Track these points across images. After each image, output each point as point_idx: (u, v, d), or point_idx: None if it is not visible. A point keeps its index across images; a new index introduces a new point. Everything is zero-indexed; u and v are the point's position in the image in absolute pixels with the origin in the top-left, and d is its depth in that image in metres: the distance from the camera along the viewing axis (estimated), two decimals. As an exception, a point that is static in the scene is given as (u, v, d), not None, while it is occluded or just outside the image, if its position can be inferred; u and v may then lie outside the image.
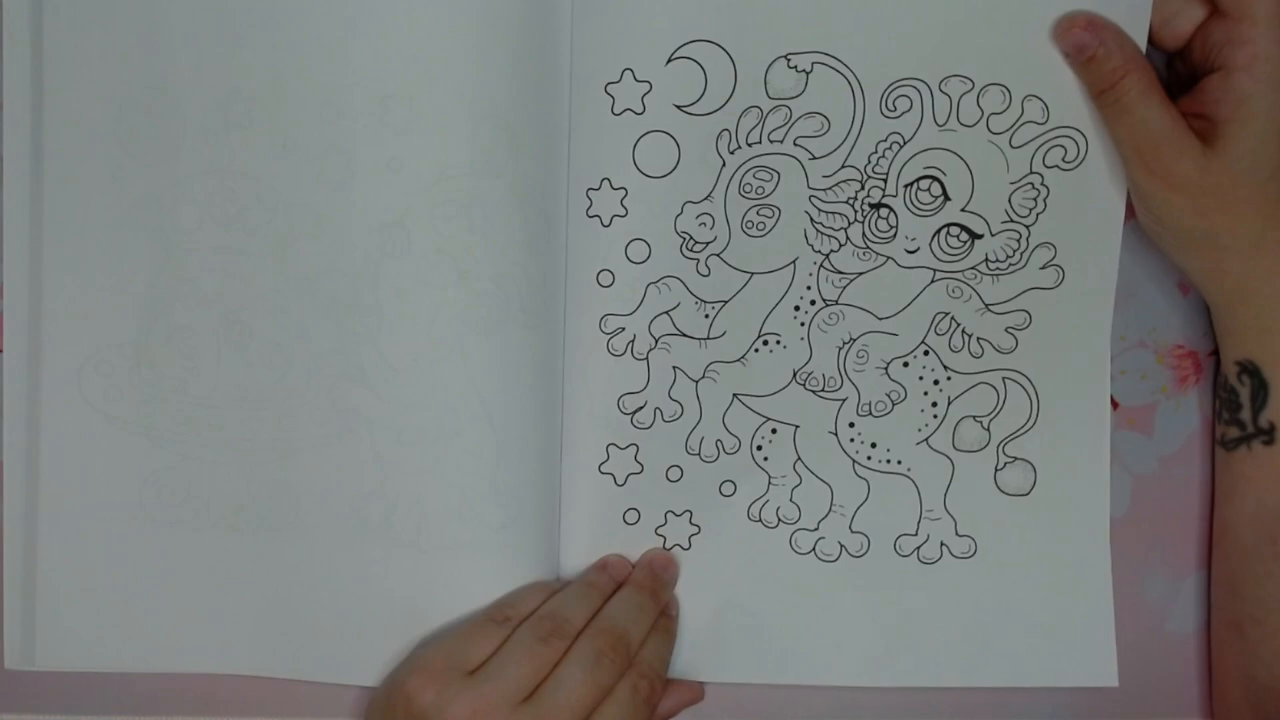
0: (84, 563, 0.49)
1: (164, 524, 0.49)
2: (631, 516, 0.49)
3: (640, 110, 0.47)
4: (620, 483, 0.49)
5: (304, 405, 0.48)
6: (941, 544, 0.49)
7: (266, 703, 0.50)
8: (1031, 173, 0.47)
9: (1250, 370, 0.46)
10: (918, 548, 0.49)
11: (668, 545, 0.49)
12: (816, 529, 0.49)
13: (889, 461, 0.49)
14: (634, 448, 0.49)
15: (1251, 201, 0.43)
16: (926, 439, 0.49)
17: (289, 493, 0.48)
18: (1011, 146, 0.47)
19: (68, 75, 0.47)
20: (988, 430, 0.49)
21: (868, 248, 0.47)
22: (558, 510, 0.49)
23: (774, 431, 0.49)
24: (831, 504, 0.49)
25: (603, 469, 0.49)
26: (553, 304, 0.48)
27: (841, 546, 0.49)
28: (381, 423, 0.47)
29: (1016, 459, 0.49)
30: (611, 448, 0.49)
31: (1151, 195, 0.44)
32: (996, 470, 0.49)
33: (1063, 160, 0.47)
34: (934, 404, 0.49)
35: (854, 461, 0.49)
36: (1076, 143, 0.46)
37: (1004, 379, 0.48)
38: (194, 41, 0.46)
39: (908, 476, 0.49)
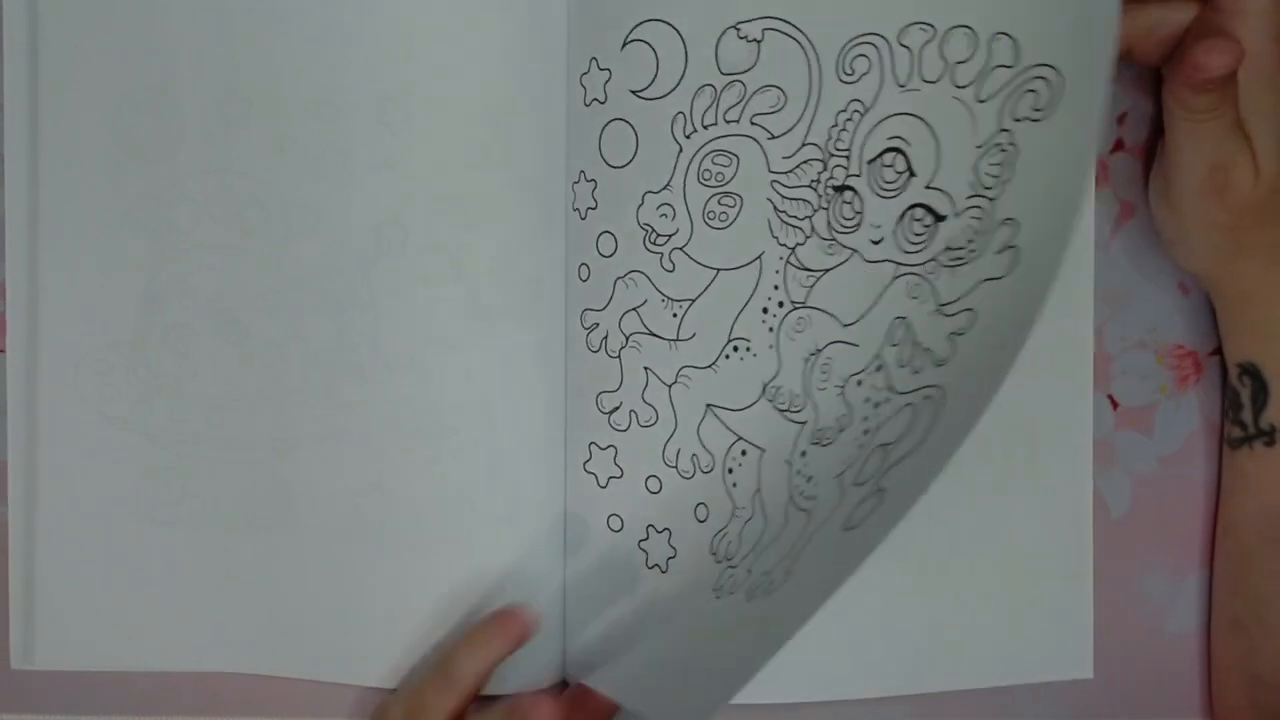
0: (83, 562, 0.49)
1: (162, 523, 0.49)
2: (615, 523, 0.48)
3: (603, 99, 0.46)
4: (602, 485, 0.48)
5: (301, 403, 0.48)
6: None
7: (267, 703, 0.50)
8: (1000, 130, 0.43)
9: (1251, 372, 0.46)
10: None
11: (649, 562, 0.48)
12: (738, 566, 0.46)
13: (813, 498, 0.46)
14: (613, 449, 0.48)
15: (1278, 211, 0.43)
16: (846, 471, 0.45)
17: (286, 491, 0.48)
18: (979, 101, 0.43)
19: (65, 74, 0.47)
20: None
21: (833, 239, 0.45)
22: (560, 509, 0.49)
23: (744, 454, 0.46)
24: (760, 539, 0.46)
25: (586, 468, 0.48)
26: (551, 300, 0.48)
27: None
28: (379, 420, 0.47)
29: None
30: (593, 446, 0.48)
31: (1197, 208, 0.44)
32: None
33: (1033, 109, 0.42)
34: (865, 432, 0.45)
35: (790, 497, 0.46)
36: (1050, 83, 0.42)
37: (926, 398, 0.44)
38: (191, 41, 0.46)
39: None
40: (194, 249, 0.47)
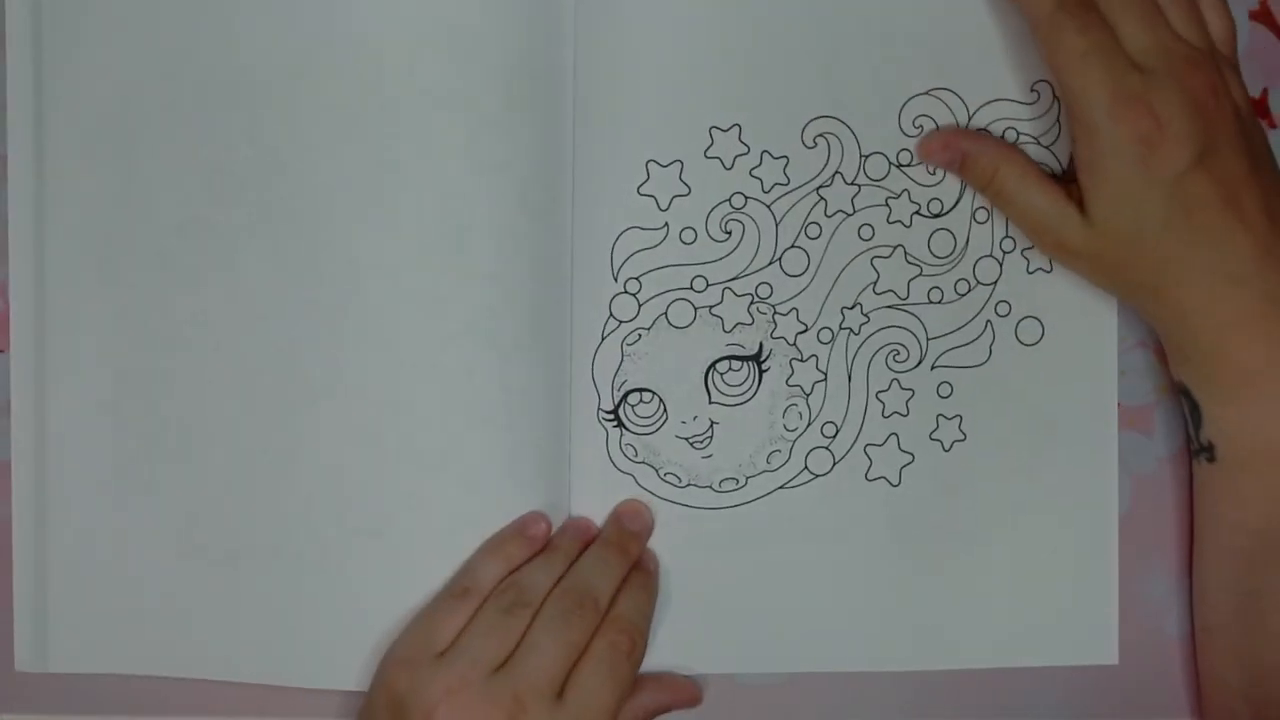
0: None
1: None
2: None
3: None
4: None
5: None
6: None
7: (267, 702, 0.50)
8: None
9: (1184, 392, 0.47)
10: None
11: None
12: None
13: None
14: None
15: (1134, 260, 0.44)
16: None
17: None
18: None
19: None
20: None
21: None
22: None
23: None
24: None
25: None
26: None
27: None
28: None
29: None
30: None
31: (1059, 263, 0.48)
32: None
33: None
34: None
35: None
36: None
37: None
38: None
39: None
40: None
